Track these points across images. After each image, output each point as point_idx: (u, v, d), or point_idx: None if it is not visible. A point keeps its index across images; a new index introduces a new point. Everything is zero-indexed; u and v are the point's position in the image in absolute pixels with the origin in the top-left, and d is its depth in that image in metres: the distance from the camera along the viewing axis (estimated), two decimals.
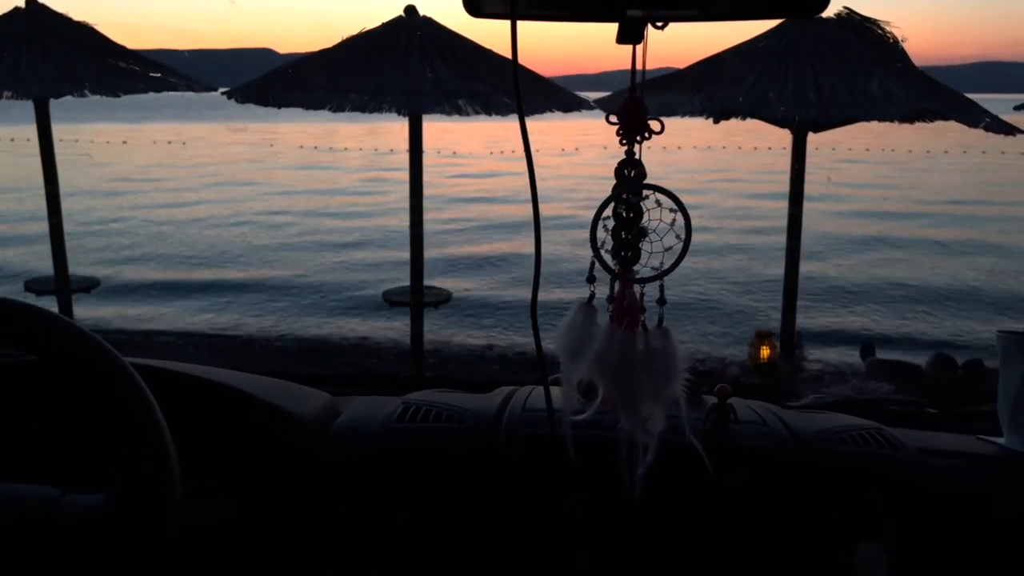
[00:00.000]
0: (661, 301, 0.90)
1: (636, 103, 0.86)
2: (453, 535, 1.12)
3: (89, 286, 8.32)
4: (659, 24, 0.82)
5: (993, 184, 21.54)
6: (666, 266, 0.88)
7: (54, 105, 6.93)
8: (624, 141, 0.88)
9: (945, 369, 5.78)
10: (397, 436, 1.17)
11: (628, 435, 0.93)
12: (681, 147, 22.52)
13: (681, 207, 0.87)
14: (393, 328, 7.93)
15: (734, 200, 17.95)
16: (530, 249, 0.87)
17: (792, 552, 1.09)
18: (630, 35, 0.83)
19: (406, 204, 6.90)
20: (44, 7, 7.00)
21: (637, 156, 0.88)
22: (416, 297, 7.03)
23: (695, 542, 1.10)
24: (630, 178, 0.88)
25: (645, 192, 0.88)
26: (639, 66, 0.86)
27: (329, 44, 6.81)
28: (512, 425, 1.16)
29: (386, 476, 1.14)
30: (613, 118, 0.88)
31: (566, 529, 1.10)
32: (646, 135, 0.87)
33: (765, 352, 6.56)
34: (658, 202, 0.88)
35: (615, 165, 0.90)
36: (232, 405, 1.19)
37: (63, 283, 7.37)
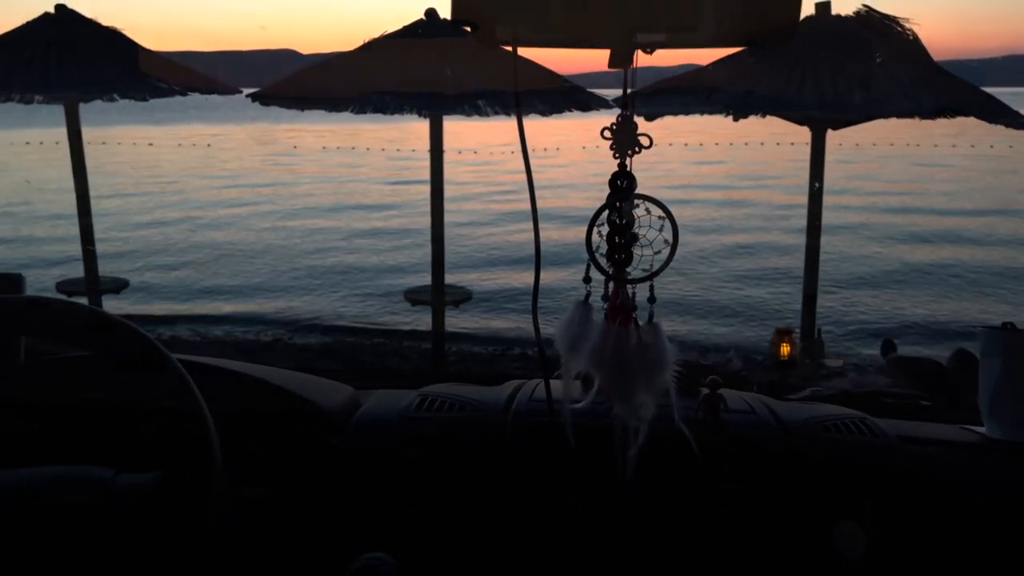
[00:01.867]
0: (652, 300, 0.98)
1: (627, 121, 0.95)
2: (463, 520, 1.22)
3: (119, 287, 8.48)
4: (648, 50, 0.90)
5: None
6: (655, 268, 0.97)
7: (83, 109, 7.08)
8: (617, 155, 0.96)
9: (967, 365, 5.76)
10: (414, 424, 1.27)
11: (622, 421, 1.02)
12: (703, 144, 22.45)
13: (669, 215, 0.96)
14: (414, 327, 8.03)
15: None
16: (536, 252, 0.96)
17: (778, 533, 1.17)
18: (621, 60, 0.92)
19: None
20: (73, 12, 7.12)
21: (629, 168, 0.97)
22: (437, 296, 7.11)
23: (685, 525, 1.18)
24: (623, 188, 0.97)
25: (636, 201, 0.96)
26: (629, 87, 0.95)
27: (351, 44, 6.92)
28: (519, 414, 1.25)
29: (404, 462, 1.23)
30: (607, 133, 0.97)
31: (566, 521, 1.19)
32: (636, 149, 0.96)
33: (785, 349, 6.56)
34: (647, 210, 0.96)
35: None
36: (266, 396, 1.30)
37: (93, 284, 7.53)
